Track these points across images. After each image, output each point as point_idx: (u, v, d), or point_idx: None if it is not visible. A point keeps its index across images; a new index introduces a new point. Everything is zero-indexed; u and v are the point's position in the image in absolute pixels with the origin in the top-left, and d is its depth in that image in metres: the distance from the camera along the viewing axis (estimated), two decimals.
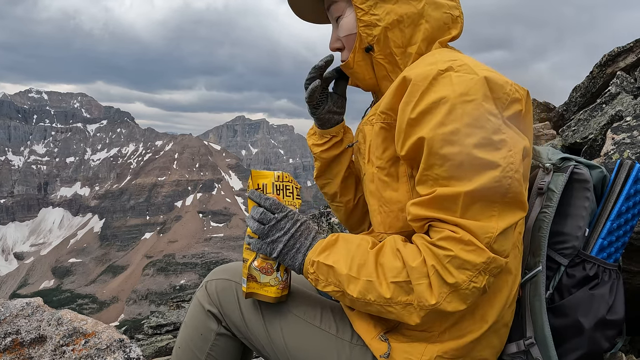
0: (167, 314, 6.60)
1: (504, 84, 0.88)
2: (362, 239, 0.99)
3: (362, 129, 1.10)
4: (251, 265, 1.07)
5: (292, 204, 1.11)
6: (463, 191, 0.83)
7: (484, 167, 0.82)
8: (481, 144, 0.83)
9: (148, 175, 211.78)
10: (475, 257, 0.82)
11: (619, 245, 1.07)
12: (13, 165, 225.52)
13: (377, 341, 0.99)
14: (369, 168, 1.06)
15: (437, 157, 0.85)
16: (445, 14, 1.04)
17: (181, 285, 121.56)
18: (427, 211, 0.87)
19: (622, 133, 1.67)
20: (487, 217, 0.83)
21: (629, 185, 1.05)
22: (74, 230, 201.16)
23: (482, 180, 0.82)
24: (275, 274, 1.06)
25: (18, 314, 1.33)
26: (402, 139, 0.91)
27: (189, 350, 1.13)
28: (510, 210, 0.85)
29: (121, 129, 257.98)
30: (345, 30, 1.09)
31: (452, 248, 0.83)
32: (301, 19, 1.23)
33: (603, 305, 0.99)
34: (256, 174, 1.13)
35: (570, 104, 3.11)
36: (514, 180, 0.83)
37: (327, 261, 0.96)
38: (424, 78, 0.88)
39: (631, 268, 1.45)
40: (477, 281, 0.83)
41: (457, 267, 0.83)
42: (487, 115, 0.84)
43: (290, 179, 1.15)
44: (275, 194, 1.10)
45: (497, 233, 0.83)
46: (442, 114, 0.85)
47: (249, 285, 1.07)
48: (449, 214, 0.85)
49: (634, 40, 2.70)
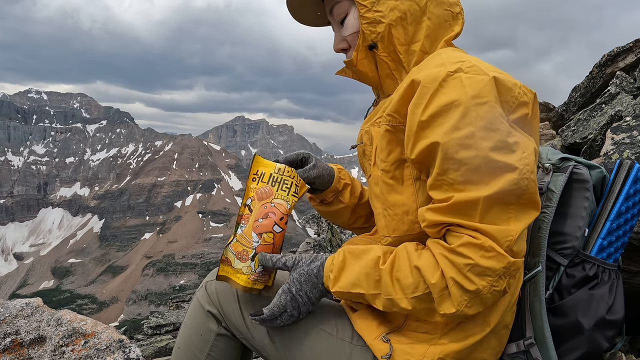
0: (167, 314, 6.60)
1: (512, 87, 0.87)
2: (370, 252, 0.97)
3: (368, 130, 1.09)
4: (229, 246, 1.06)
5: (285, 198, 1.10)
6: (482, 196, 0.82)
7: (502, 170, 0.82)
8: (497, 147, 0.82)
9: (148, 175, 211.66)
10: (496, 263, 0.82)
11: (619, 246, 1.07)
12: (12, 166, 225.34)
13: (378, 342, 0.99)
14: (374, 171, 1.06)
15: (452, 161, 0.84)
16: (446, 10, 1.04)
17: (181, 286, 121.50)
18: (445, 217, 0.86)
19: (622, 133, 1.67)
20: (505, 220, 0.83)
21: (628, 185, 1.05)
22: (73, 230, 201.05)
23: (500, 184, 0.81)
24: (250, 263, 1.05)
25: (17, 315, 1.32)
26: (412, 142, 0.90)
27: (189, 350, 1.13)
28: (525, 211, 0.85)
29: (121, 129, 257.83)
30: (351, 28, 1.08)
31: (472, 256, 0.82)
32: (298, 21, 1.23)
33: (603, 305, 0.99)
34: (258, 160, 1.13)
35: (570, 104, 3.11)
36: (531, 182, 0.83)
37: (343, 289, 0.96)
38: (433, 80, 0.87)
39: (631, 268, 1.45)
40: (497, 285, 0.83)
41: (477, 275, 0.82)
42: (500, 117, 0.84)
43: (293, 174, 1.14)
44: (270, 184, 1.09)
45: (517, 236, 0.83)
46: (455, 117, 0.84)
47: (223, 267, 1.07)
48: (468, 219, 0.84)
49: (634, 40, 2.71)
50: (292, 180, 1.12)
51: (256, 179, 1.13)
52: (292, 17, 1.21)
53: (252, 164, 1.12)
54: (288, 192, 1.11)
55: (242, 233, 1.08)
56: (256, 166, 1.12)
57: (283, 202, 1.09)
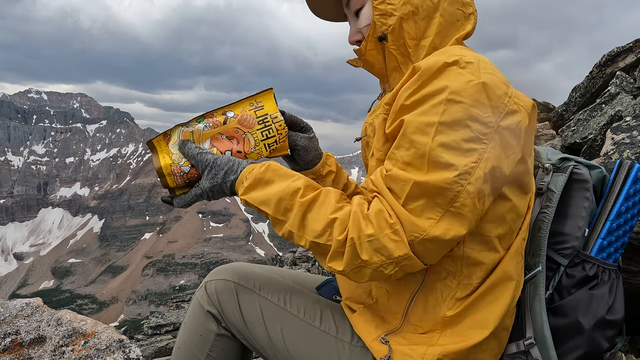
0: (167, 314, 6.60)
1: (501, 95, 0.87)
2: (293, 178, 0.98)
3: (372, 122, 1.08)
4: (180, 127, 1.07)
5: (257, 141, 1.09)
6: (413, 179, 0.84)
7: (441, 167, 0.83)
8: (449, 145, 0.83)
9: (148, 175, 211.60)
10: (395, 248, 0.84)
11: (619, 246, 1.07)
12: (12, 166, 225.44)
13: (377, 343, 0.99)
14: (371, 161, 1.06)
15: (406, 140, 0.87)
16: (459, 10, 1.04)
17: (181, 286, 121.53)
18: (380, 184, 0.89)
19: (622, 133, 1.67)
20: (424, 218, 0.84)
21: (628, 185, 1.05)
22: (73, 230, 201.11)
23: (433, 177, 0.83)
24: (181, 155, 1.05)
25: (17, 315, 1.32)
26: (391, 120, 0.94)
27: (189, 350, 1.13)
28: (451, 221, 0.84)
29: (121, 129, 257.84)
30: (366, 20, 1.07)
31: (379, 229, 0.84)
32: (317, 16, 1.23)
33: (603, 305, 0.99)
34: (269, 96, 1.12)
35: (570, 104, 3.11)
36: (464, 191, 0.82)
37: (251, 201, 0.98)
38: (429, 68, 0.89)
39: (631, 268, 1.45)
40: (386, 268, 0.86)
41: (374, 249, 0.85)
42: (469, 121, 0.84)
43: (282, 131, 1.11)
44: (258, 121, 1.09)
45: (425, 237, 0.83)
46: (429, 104, 0.87)
47: (159, 139, 1.07)
48: (395, 196, 0.86)
49: (634, 40, 2.71)
50: (276, 134, 1.11)
51: (254, 105, 1.11)
52: (312, 12, 1.21)
53: (262, 92, 1.10)
54: (265, 139, 1.10)
55: (201, 131, 1.07)
56: (263, 97, 1.10)
57: (253, 142, 1.08)
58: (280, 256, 18.28)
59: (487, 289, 0.95)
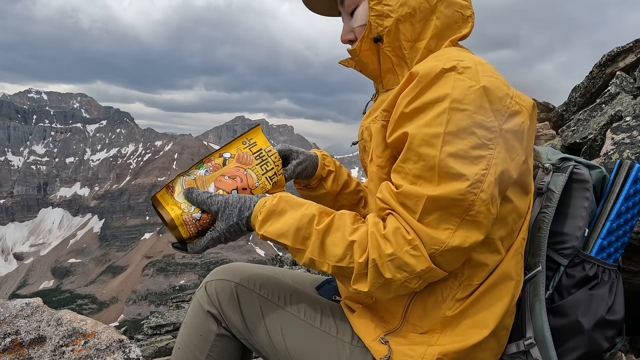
0: (167, 314, 6.60)
1: (503, 97, 0.87)
2: (306, 206, 0.98)
3: (368, 127, 1.08)
4: (182, 177, 1.06)
5: (258, 176, 1.10)
6: (427, 194, 0.84)
7: (453, 177, 0.83)
8: (457, 155, 0.83)
9: (148, 175, 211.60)
10: (416, 263, 0.84)
11: (619, 246, 1.07)
12: (12, 166, 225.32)
13: (377, 344, 0.99)
14: (370, 167, 1.06)
15: (414, 153, 0.87)
16: (457, 12, 1.03)
17: (181, 286, 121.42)
18: (392, 201, 0.89)
19: (622, 133, 1.67)
20: (441, 229, 0.84)
21: (628, 185, 1.05)
22: (73, 230, 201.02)
23: (446, 189, 0.83)
24: (189, 203, 1.04)
25: (17, 315, 1.32)
26: (392, 129, 0.94)
27: (189, 350, 1.13)
28: (468, 229, 0.85)
29: (121, 129, 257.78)
30: (360, 20, 1.07)
31: (398, 247, 0.85)
32: (311, 10, 1.23)
33: (602, 305, 0.99)
34: (258, 132, 1.14)
35: (570, 104, 3.11)
36: (478, 199, 0.83)
37: (269, 235, 0.97)
38: (427, 75, 0.89)
39: (631, 268, 1.45)
40: (410, 283, 0.87)
41: (396, 267, 0.85)
42: (475, 127, 0.84)
43: (278, 163, 1.14)
44: (255, 157, 1.11)
45: (444, 248, 0.84)
46: (431, 115, 0.86)
47: (163, 193, 1.06)
48: (409, 212, 0.86)
49: (634, 40, 2.70)
50: (274, 166, 1.12)
51: (247, 143, 1.12)
52: (305, 5, 1.21)
53: (252, 130, 1.12)
54: (265, 172, 1.11)
55: (203, 176, 1.07)
56: (254, 134, 1.12)
57: (255, 177, 1.09)
58: (280, 256, 18.29)
59: (487, 288, 0.95)
